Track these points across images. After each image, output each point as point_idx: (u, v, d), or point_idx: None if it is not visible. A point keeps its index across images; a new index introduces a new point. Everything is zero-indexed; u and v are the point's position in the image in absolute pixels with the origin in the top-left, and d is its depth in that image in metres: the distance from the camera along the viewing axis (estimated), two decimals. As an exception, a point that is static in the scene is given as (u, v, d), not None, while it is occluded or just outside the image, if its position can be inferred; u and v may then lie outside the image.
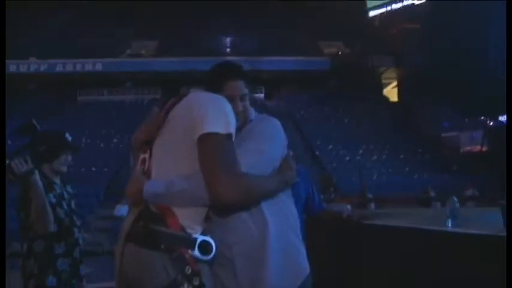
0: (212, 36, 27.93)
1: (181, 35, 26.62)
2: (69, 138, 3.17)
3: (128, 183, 1.69)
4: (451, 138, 21.55)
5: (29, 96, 25.64)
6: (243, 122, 1.86)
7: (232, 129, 1.61)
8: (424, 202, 12.64)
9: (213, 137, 1.56)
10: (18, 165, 2.70)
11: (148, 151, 1.72)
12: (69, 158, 3.11)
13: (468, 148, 20.79)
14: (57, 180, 3.06)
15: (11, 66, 25.66)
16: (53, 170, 3.03)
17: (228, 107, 1.66)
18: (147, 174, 1.67)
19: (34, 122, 3.35)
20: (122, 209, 12.51)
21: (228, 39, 29.17)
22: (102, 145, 20.28)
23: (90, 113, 23.75)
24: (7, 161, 2.71)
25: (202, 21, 27.49)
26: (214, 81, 1.86)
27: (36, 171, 2.78)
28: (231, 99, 1.78)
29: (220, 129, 1.57)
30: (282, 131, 1.92)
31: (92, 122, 22.18)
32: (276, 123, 1.94)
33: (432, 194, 13.22)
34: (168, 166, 1.65)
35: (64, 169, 3.08)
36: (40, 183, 2.77)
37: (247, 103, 1.92)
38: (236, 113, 1.74)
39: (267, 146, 1.80)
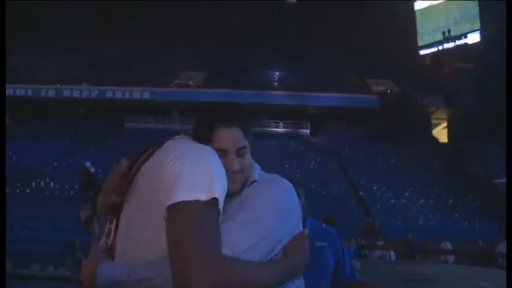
0: (259, 70, 28.06)
1: (229, 67, 26.88)
2: None
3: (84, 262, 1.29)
4: (504, 184, 20.40)
5: (79, 121, 26.36)
6: (241, 185, 1.38)
7: (217, 194, 1.17)
8: (478, 257, 11.56)
9: (187, 206, 1.13)
10: (83, 212, 2.71)
11: (114, 221, 1.32)
12: None
13: (523, 196, 19.59)
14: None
15: (65, 91, 26.60)
16: None
17: (216, 164, 1.24)
18: (111, 251, 1.29)
19: (86, 165, 3.19)
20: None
21: (276, 73, 29.23)
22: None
23: (135, 140, 24.04)
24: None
25: (251, 54, 27.71)
26: (202, 127, 1.36)
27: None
28: (223, 155, 1.31)
29: (199, 194, 1.14)
30: (293, 198, 1.39)
31: (136, 150, 22.27)
32: (285, 186, 1.41)
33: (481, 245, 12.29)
34: (134, 244, 1.24)
35: None
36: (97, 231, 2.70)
37: (248, 159, 1.40)
38: (230, 173, 1.30)
39: (266, 217, 1.29)
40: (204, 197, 1.14)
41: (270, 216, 1.29)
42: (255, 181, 1.41)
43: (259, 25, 28.26)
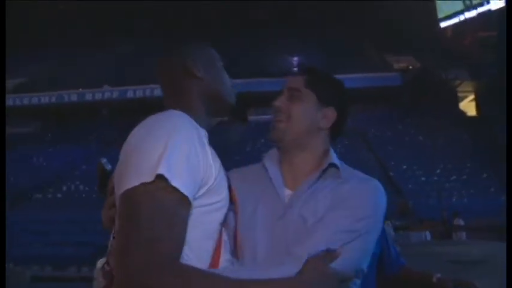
0: (278, 57, 27.81)
1: (247, 56, 26.72)
2: None
3: None
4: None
5: (103, 123, 26.65)
6: (279, 135, 1.32)
7: (166, 170, 0.95)
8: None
9: (125, 195, 0.97)
10: (104, 212, 2.63)
11: None
12: None
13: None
14: None
15: (87, 95, 26.92)
16: None
17: (179, 133, 1.02)
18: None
19: (102, 162, 3.08)
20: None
21: (294, 59, 28.95)
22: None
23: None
24: None
25: (268, 42, 27.52)
26: None
27: None
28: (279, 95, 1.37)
29: (141, 176, 0.96)
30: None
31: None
32: (382, 190, 1.31)
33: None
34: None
35: None
36: None
37: (301, 110, 1.33)
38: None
39: (375, 226, 1.21)
40: (147, 178, 0.95)
41: (378, 224, 1.24)
42: (332, 165, 1.33)
43: (275, 10, 28.02)
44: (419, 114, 23.44)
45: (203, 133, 1.14)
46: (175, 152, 0.98)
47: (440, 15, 26.76)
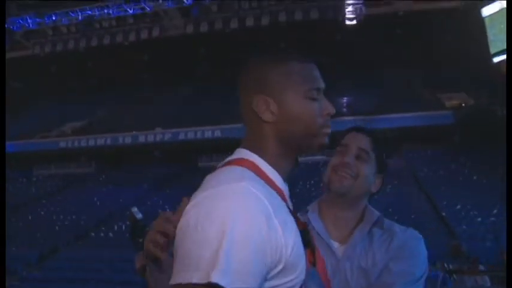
0: (331, 98, 27.85)
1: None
2: None
3: None
4: None
5: (155, 164, 27.35)
6: (345, 187, 1.37)
7: (220, 276, 0.81)
8: None
9: None
10: (137, 261, 2.71)
11: None
12: None
13: None
14: None
15: (140, 137, 27.81)
16: None
17: (243, 219, 0.86)
18: None
19: (133, 211, 3.21)
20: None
21: (345, 99, 28.95)
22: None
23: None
24: None
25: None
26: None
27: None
28: (343, 150, 1.40)
29: (191, 274, 0.82)
30: None
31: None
32: (421, 236, 1.44)
33: None
34: None
35: None
36: None
37: (367, 170, 1.43)
38: (340, 166, 1.33)
39: (424, 270, 1.34)
40: (198, 278, 0.81)
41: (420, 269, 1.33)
42: (378, 221, 1.44)
43: (325, 52, 28.32)
44: (473, 152, 22.68)
45: (275, 200, 0.94)
46: (236, 248, 0.82)
47: (493, 51, 26.15)
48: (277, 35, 28.44)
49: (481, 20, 26.37)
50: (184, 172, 26.19)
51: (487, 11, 26.46)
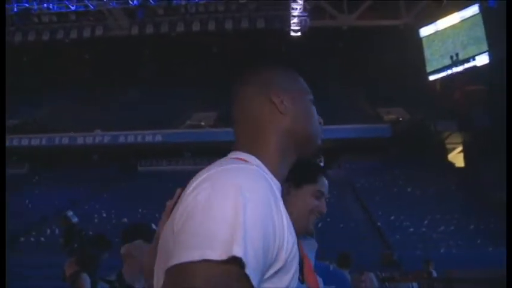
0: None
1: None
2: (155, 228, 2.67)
3: None
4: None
5: (93, 167, 26.56)
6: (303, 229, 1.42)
7: (241, 250, 0.72)
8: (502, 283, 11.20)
9: (186, 270, 0.72)
10: (67, 267, 2.60)
11: None
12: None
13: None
14: (139, 285, 2.46)
15: (78, 139, 26.93)
16: (135, 269, 2.49)
17: (259, 197, 0.79)
18: None
19: (68, 215, 3.11)
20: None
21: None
22: (157, 215, 20.23)
23: (149, 183, 24.08)
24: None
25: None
26: (307, 169, 1.46)
27: (85, 275, 2.56)
28: (319, 197, 1.44)
29: (208, 251, 0.72)
30: None
31: (150, 192, 22.39)
32: None
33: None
34: None
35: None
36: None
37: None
38: (314, 214, 1.35)
39: None
40: (215, 254, 0.71)
41: None
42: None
43: (268, 62, 28.54)
44: (408, 165, 23.60)
45: (278, 190, 0.88)
46: (251, 226, 0.75)
47: (429, 69, 27.43)
48: (224, 41, 28.54)
49: (419, 40, 27.65)
50: (123, 176, 25.60)
51: (424, 31, 27.79)
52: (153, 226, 2.47)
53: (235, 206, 0.75)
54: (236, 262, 0.71)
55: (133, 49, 29.48)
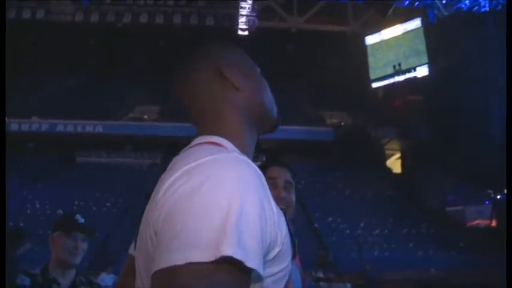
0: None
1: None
2: (81, 220, 2.39)
3: None
4: (456, 213, 20.83)
5: (28, 155, 25.42)
6: None
7: (234, 248, 0.65)
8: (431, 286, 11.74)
9: (175, 275, 0.64)
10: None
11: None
12: (78, 244, 2.30)
13: (475, 222, 20.06)
14: (63, 279, 2.28)
15: (13, 125, 25.69)
16: (57, 263, 2.29)
17: (251, 189, 0.72)
18: None
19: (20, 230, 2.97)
20: (106, 278, 11.77)
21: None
22: (94, 208, 19.69)
23: (87, 175, 23.36)
24: None
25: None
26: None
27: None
28: (271, 184, 1.40)
29: (197, 252, 0.64)
30: None
31: (87, 184, 21.72)
32: None
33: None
34: None
35: (72, 260, 2.27)
36: None
37: (293, 198, 1.65)
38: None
39: None
40: (204, 255, 0.63)
41: None
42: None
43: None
44: (348, 168, 24.16)
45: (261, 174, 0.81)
46: (243, 217, 0.68)
47: (372, 77, 28.21)
48: (171, 35, 28.12)
49: (364, 47, 28.39)
50: (60, 166, 24.69)
51: (369, 40, 28.55)
52: (79, 218, 2.36)
53: (226, 200, 0.68)
54: (228, 262, 0.64)
55: (78, 36, 28.47)
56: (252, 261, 0.65)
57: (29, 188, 21.87)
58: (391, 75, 27.25)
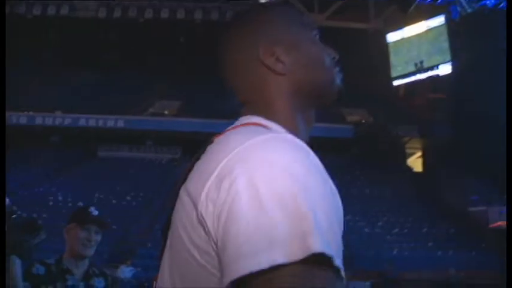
0: (233, 99, 28.12)
1: (204, 96, 26.89)
2: (95, 212, 2.43)
3: None
4: (478, 213, 20.51)
5: (52, 149, 25.87)
6: None
7: (320, 243, 0.54)
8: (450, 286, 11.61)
9: (260, 283, 0.53)
10: None
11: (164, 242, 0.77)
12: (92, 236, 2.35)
13: (497, 224, 19.75)
14: (76, 270, 2.34)
15: (38, 119, 26.15)
16: (71, 254, 2.36)
17: (313, 173, 0.65)
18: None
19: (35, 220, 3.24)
20: (125, 271, 11.92)
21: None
22: (114, 201, 19.92)
23: (108, 169, 23.66)
24: None
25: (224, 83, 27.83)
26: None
27: (13, 257, 2.56)
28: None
29: (280, 252, 0.53)
30: None
31: (108, 178, 22.01)
32: None
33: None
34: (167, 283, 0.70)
35: (85, 251, 2.34)
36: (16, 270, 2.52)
37: None
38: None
39: None
40: (283, 255, 0.53)
41: None
42: None
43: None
44: (368, 167, 23.98)
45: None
46: (319, 208, 0.59)
47: (394, 74, 27.92)
48: (192, 31, 28.24)
49: (385, 45, 28.10)
50: (81, 160, 25.05)
51: (391, 37, 28.23)
52: (93, 210, 2.42)
53: (292, 188, 0.58)
54: (318, 259, 0.53)
55: (100, 31, 28.80)
56: (338, 259, 0.56)
57: (52, 180, 22.25)
58: (413, 73, 26.93)
